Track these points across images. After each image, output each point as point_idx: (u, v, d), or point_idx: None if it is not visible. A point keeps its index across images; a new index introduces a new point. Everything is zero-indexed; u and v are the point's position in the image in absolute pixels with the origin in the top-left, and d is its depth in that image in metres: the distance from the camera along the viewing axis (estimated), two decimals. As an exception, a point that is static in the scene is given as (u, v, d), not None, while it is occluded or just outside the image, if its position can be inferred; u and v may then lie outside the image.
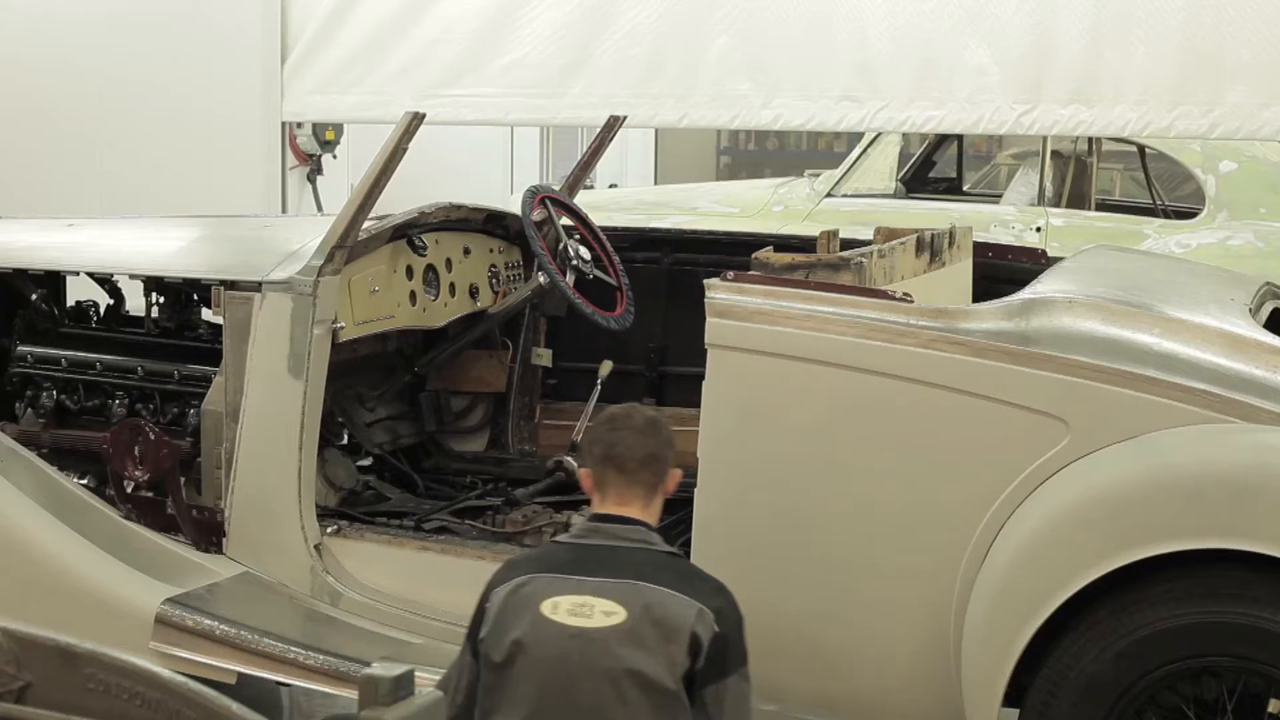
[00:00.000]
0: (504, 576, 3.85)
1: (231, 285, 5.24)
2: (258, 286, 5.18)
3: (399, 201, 5.74)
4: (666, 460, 3.99)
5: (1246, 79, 6.77)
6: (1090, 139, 9.68)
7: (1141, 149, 9.95)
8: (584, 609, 3.72)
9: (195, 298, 5.76)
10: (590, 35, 7.73)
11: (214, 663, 4.84)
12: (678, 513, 5.31)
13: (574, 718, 3.69)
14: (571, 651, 3.68)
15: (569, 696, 3.68)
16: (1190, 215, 9.38)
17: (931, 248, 5.34)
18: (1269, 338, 4.40)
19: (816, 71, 7.44)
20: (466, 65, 8.00)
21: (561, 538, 4.05)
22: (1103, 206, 10.03)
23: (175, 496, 5.34)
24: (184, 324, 5.77)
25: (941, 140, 11.23)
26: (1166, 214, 9.83)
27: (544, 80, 7.92)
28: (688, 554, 4.65)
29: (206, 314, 5.69)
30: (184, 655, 4.86)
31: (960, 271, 5.63)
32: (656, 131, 16.87)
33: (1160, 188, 10.39)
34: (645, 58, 7.67)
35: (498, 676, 3.74)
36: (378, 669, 2.14)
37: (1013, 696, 4.15)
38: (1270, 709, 3.98)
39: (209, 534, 5.27)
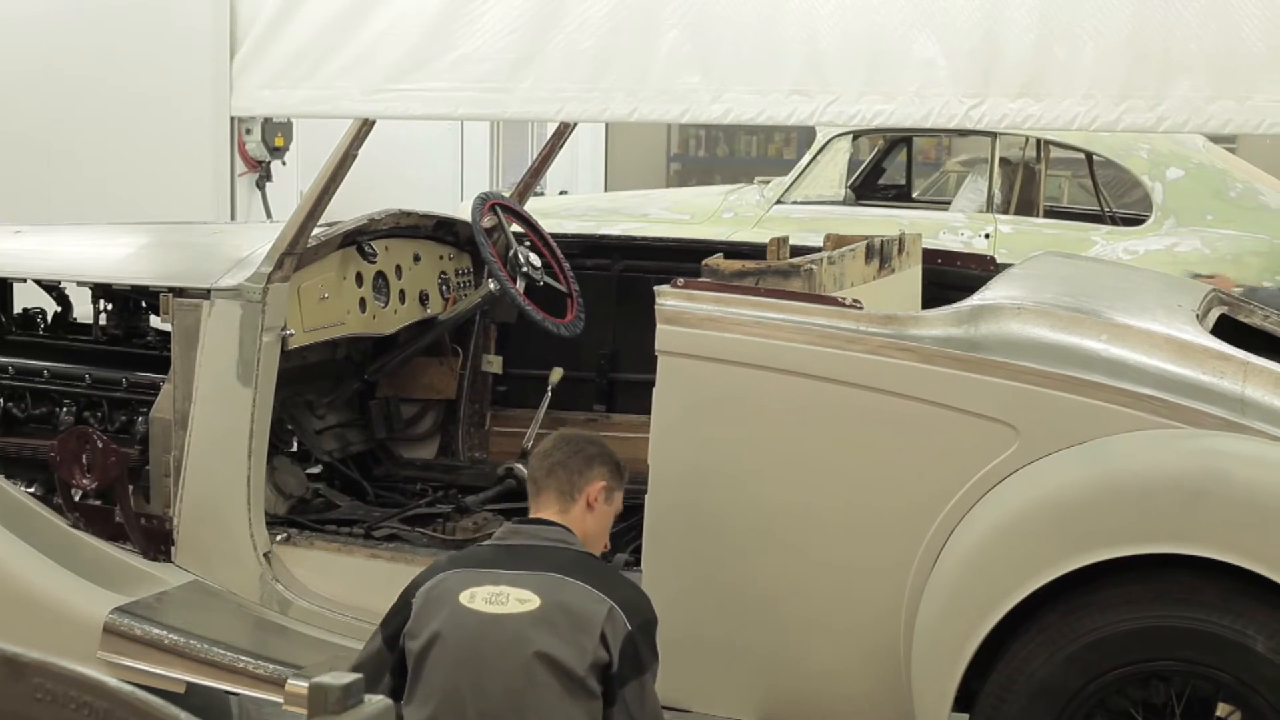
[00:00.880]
0: (426, 575, 4.03)
1: (180, 292, 5.22)
2: (206, 293, 5.16)
3: (348, 208, 5.73)
4: (576, 468, 4.17)
5: (1194, 73, 6.81)
6: (1038, 146, 9.73)
7: (1089, 156, 10.00)
8: (499, 597, 3.88)
9: (144, 305, 5.73)
10: (540, 30, 7.71)
11: (163, 672, 4.81)
12: (629, 519, 5.32)
13: (484, 700, 3.81)
14: (484, 634, 3.83)
15: (480, 679, 3.81)
16: (1138, 222, 9.43)
17: (881, 254, 5.36)
18: (1215, 343, 4.42)
19: (766, 65, 7.43)
20: (415, 60, 7.97)
21: (484, 542, 4.22)
22: (1051, 213, 10.07)
23: (123, 504, 5.31)
24: (132, 331, 5.74)
25: (891, 147, 11.28)
26: (1114, 220, 9.88)
27: (494, 74, 7.89)
28: (638, 560, 4.66)
29: (155, 321, 5.66)
30: (132, 665, 4.83)
31: (909, 278, 5.65)
32: (607, 138, 16.89)
33: (1108, 194, 10.44)
34: (595, 52, 7.65)
35: (416, 667, 3.89)
36: (328, 678, 2.13)
37: (962, 701, 4.16)
38: (1218, 713, 4.01)
39: (157, 542, 5.25)
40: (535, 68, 7.85)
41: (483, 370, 6.48)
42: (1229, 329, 5.05)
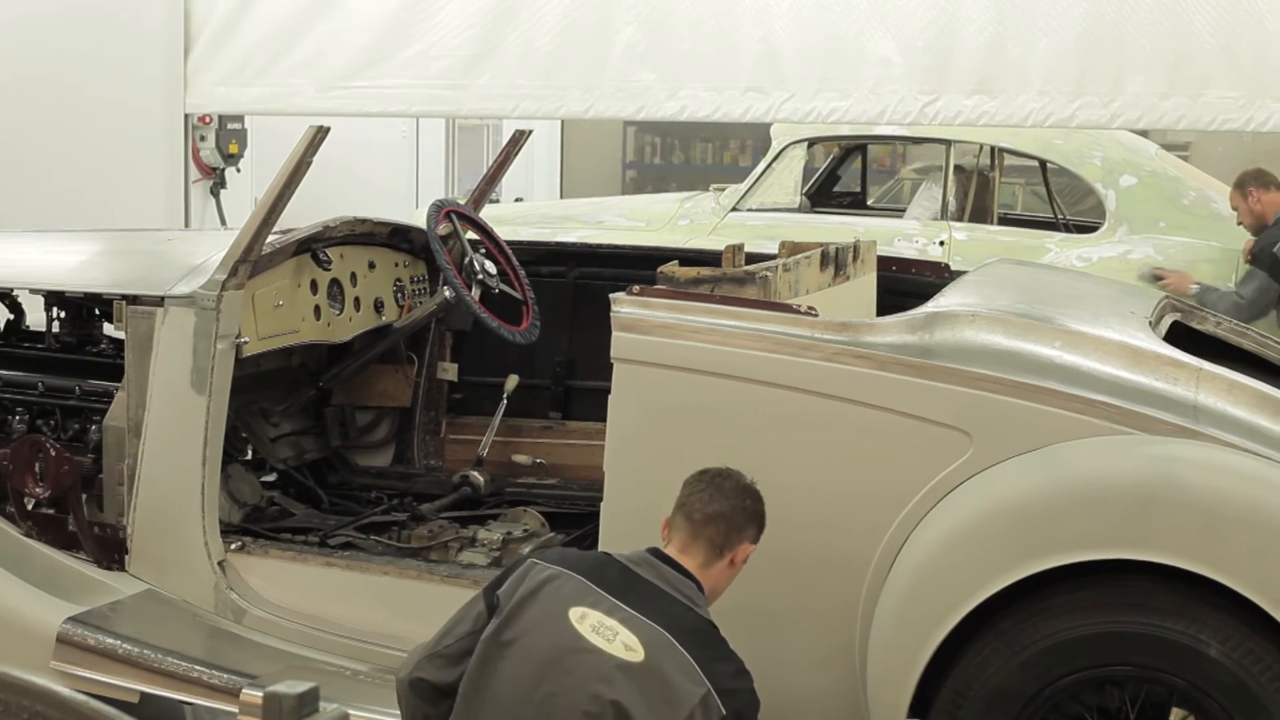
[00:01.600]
0: (551, 559, 3.88)
1: (134, 300, 5.20)
2: (160, 301, 5.14)
3: (303, 215, 5.71)
4: (737, 525, 3.98)
5: (1147, 69, 6.85)
6: (993, 154, 9.77)
7: (1043, 163, 10.05)
8: (607, 631, 3.70)
9: (97, 312, 5.71)
10: (496, 26, 7.71)
11: (116, 682, 4.79)
12: (584, 526, 5.33)
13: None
14: (576, 662, 3.66)
15: (554, 700, 3.66)
16: (1091, 229, 9.47)
17: (836, 262, 5.37)
18: (1168, 350, 4.44)
19: (722, 62, 7.45)
20: (371, 56, 7.96)
21: (618, 555, 3.96)
22: (1005, 221, 10.11)
23: (76, 513, 5.29)
24: (86, 339, 5.72)
25: (846, 155, 11.30)
26: (1068, 228, 9.92)
27: (450, 71, 7.89)
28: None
29: (109, 329, 5.63)
30: (86, 674, 4.81)
31: (864, 285, 5.66)
32: (562, 145, 16.87)
33: (1061, 202, 10.49)
34: (551, 49, 7.65)
35: (489, 653, 3.75)
36: (282, 687, 2.13)
37: (918, 707, 4.17)
38: (1172, 718, 4.03)
39: (111, 551, 5.22)
40: (491, 65, 7.86)
41: (438, 378, 6.47)
42: (1182, 336, 5.08)
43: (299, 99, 8.16)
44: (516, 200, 13.84)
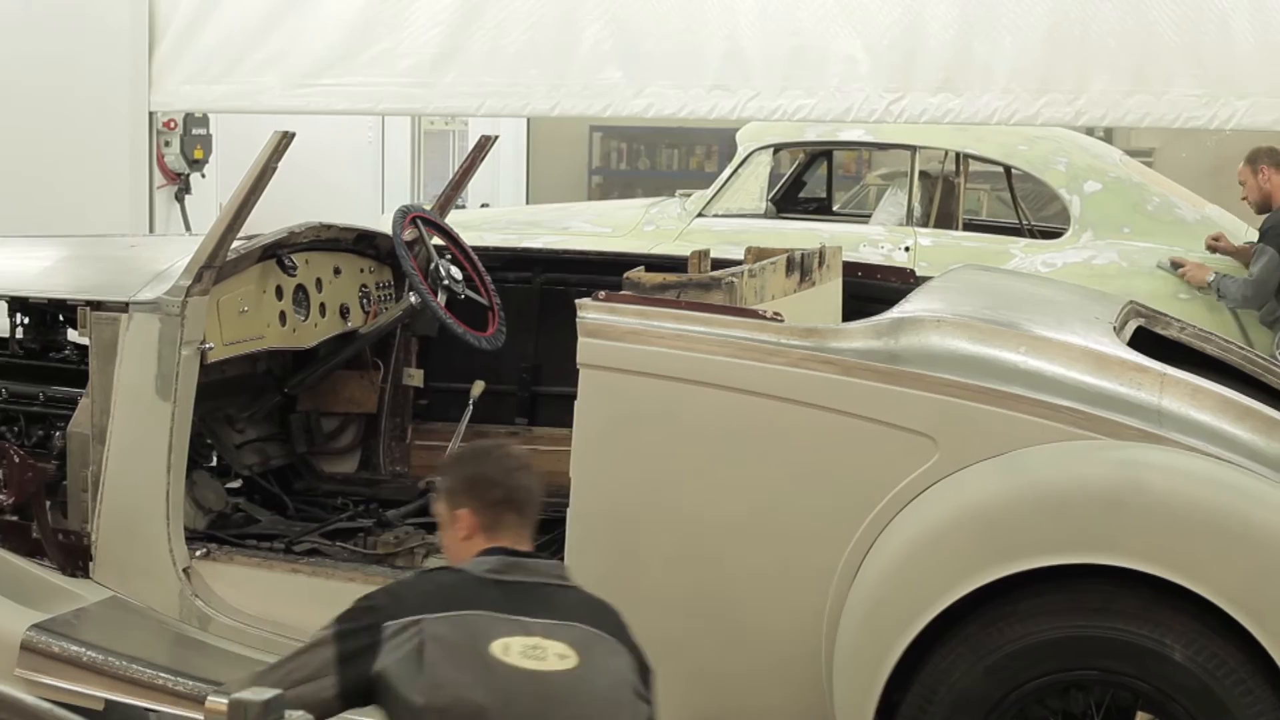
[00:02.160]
0: (417, 607, 3.50)
1: (98, 306, 5.18)
2: (124, 307, 5.12)
3: (269, 220, 5.70)
4: (538, 494, 3.83)
5: (1111, 67, 6.88)
6: (958, 160, 9.78)
7: (1008, 169, 10.07)
8: (537, 652, 3.48)
9: (61, 318, 5.68)
10: (463, 24, 7.70)
11: (81, 689, 4.77)
12: (551, 532, 5.31)
13: None
14: (554, 693, 3.44)
15: None
16: (1056, 235, 9.49)
17: (801, 267, 5.38)
18: (1133, 355, 4.46)
19: (688, 60, 7.46)
20: (337, 54, 7.94)
21: (471, 569, 3.63)
22: (970, 226, 10.12)
23: (41, 520, 5.26)
24: (49, 345, 5.69)
25: (811, 161, 11.30)
26: (1032, 233, 9.94)
27: (416, 69, 7.87)
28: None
29: (72, 335, 5.61)
30: (50, 682, 4.78)
31: (830, 291, 5.67)
32: (528, 151, 16.86)
33: (1026, 207, 10.51)
34: (517, 47, 7.64)
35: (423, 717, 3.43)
36: (248, 694, 2.12)
37: (884, 713, 4.17)
38: (1136, 721, 4.05)
39: (75, 558, 5.20)
40: (457, 62, 7.84)
41: (404, 384, 6.46)
42: (1146, 341, 5.10)
43: (265, 97, 8.13)
44: (483, 206, 13.81)
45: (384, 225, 6.31)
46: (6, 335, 5.73)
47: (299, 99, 8.12)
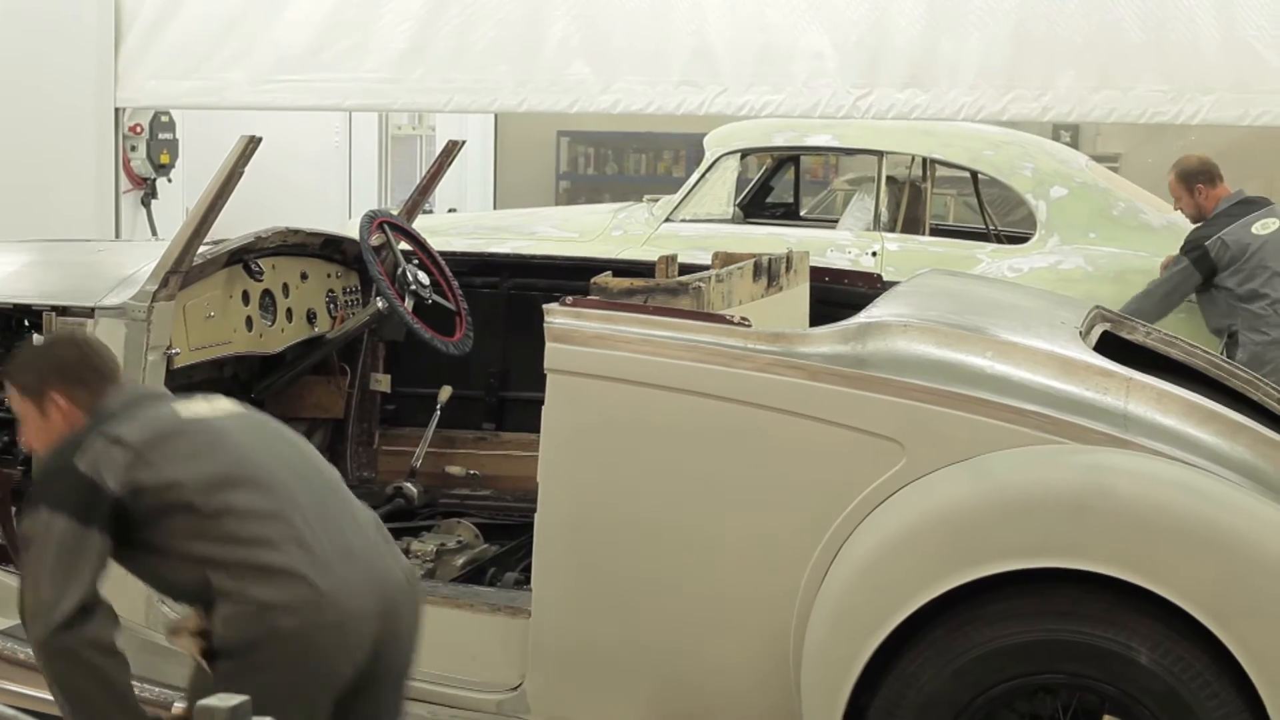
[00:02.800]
0: (87, 445, 3.70)
1: (64, 311, 5.16)
2: (91, 312, 5.10)
3: (235, 225, 5.68)
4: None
5: (1077, 63, 6.91)
6: (924, 165, 9.80)
7: (974, 174, 10.08)
8: (210, 402, 3.95)
9: (26, 324, 5.66)
10: (429, 20, 7.70)
11: (46, 696, 4.74)
12: (519, 537, 5.32)
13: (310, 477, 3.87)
14: (244, 421, 3.93)
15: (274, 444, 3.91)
16: (1022, 240, 9.51)
17: (769, 272, 5.38)
18: (1098, 360, 4.47)
19: (655, 56, 7.47)
20: (304, 50, 7.93)
21: (104, 412, 3.82)
22: (937, 231, 10.13)
23: (6, 526, 5.24)
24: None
25: (779, 166, 11.31)
26: (999, 239, 9.96)
27: (383, 65, 7.87)
28: (529, 578, 4.65)
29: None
30: (15, 689, 4.77)
31: (797, 296, 5.68)
32: (496, 156, 16.85)
33: (993, 213, 10.53)
34: (484, 43, 7.64)
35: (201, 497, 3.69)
36: (214, 700, 2.12)
37: (852, 716, 4.17)
38: (1103, 724, 4.06)
39: (40, 564, 5.17)
40: (425, 59, 7.84)
41: (371, 389, 6.45)
42: (1112, 346, 5.12)
43: (232, 93, 8.12)
44: (450, 211, 13.79)
45: (351, 230, 6.30)
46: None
47: (266, 95, 8.11)
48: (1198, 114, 6.79)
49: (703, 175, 10.07)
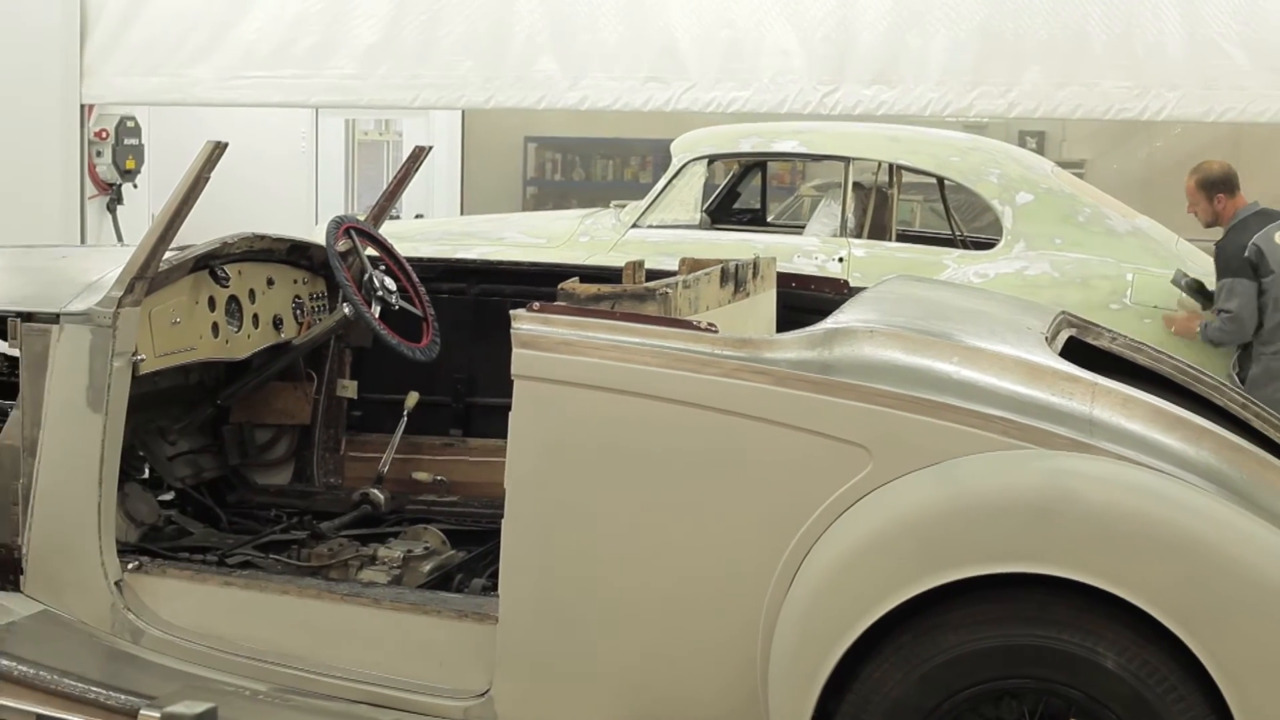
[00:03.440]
0: None
1: (28, 317, 5.14)
2: (55, 318, 5.09)
3: (201, 230, 5.67)
4: None
5: (1043, 60, 6.95)
6: (891, 171, 9.82)
7: (941, 180, 10.10)
8: None
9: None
10: (395, 16, 7.70)
11: (12, 704, 4.73)
12: (486, 543, 5.31)
13: None
14: None
15: None
16: (988, 246, 9.54)
17: (736, 278, 5.39)
18: (1064, 365, 4.48)
19: (623, 53, 7.48)
20: (270, 47, 7.92)
21: None
22: (903, 237, 10.16)
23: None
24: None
25: (746, 172, 11.32)
26: (965, 244, 9.99)
27: (349, 62, 7.86)
28: (495, 585, 4.65)
29: (2, 346, 5.57)
30: (11, 704, 4.74)
31: (764, 302, 5.68)
32: (463, 161, 16.84)
33: (959, 219, 10.57)
34: (451, 39, 7.65)
35: None
36: (181, 707, 2.11)
37: (819, 722, 4.19)
38: (1069, 729, 4.07)
39: (6, 572, 5.16)
40: (391, 54, 7.84)
41: (337, 395, 6.44)
42: (1078, 351, 5.13)
43: (198, 89, 8.11)
44: (417, 217, 13.79)
45: (318, 236, 6.29)
46: (-65, 347, 5.69)
47: (232, 92, 8.11)
48: (1163, 110, 6.83)
49: (669, 181, 10.08)
